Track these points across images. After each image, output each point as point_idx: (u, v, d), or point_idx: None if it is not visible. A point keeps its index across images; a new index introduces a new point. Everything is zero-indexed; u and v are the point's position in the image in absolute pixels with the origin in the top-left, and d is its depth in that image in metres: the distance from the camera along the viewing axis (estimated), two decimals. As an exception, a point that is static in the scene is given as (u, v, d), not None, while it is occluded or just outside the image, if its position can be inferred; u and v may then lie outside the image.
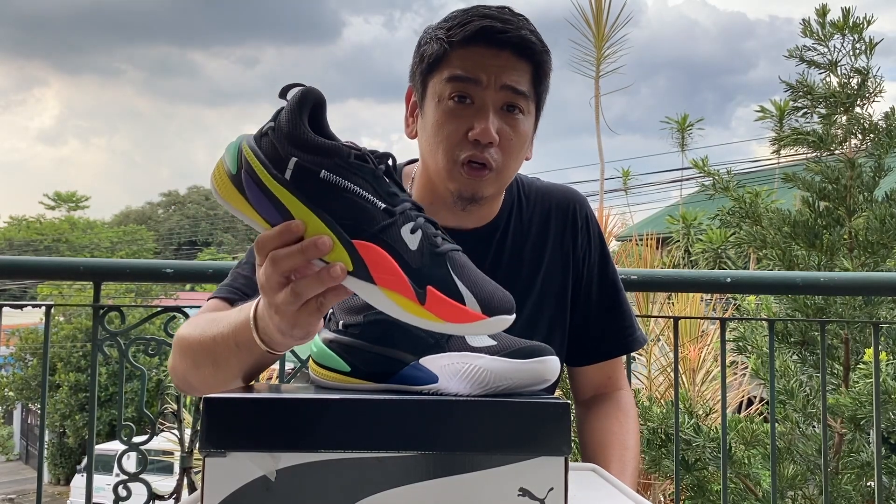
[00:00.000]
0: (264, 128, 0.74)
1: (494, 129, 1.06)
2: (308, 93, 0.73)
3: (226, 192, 0.74)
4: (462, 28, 1.07)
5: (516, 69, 1.08)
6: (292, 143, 0.72)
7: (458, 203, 1.12)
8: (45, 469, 1.90)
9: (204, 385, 1.01)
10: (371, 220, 0.71)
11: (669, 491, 3.33)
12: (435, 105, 1.09)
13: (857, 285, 2.02)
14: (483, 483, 0.69)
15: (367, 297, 0.73)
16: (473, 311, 0.71)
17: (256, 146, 0.73)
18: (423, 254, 0.72)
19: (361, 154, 0.73)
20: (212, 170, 0.75)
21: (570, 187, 1.31)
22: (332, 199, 0.71)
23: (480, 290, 0.72)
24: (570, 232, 1.24)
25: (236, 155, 0.73)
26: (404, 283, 0.70)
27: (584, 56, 6.65)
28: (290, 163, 0.71)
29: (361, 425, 0.70)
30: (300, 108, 0.72)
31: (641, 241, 4.80)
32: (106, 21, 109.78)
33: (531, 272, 1.20)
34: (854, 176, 2.91)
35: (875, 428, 1.91)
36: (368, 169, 0.72)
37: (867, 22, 2.98)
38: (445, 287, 0.71)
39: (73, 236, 30.89)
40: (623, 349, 1.31)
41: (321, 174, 0.71)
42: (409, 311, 0.71)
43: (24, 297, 22.59)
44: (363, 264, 0.71)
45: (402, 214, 0.73)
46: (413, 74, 1.15)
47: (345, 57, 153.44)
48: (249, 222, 0.74)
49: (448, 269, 0.72)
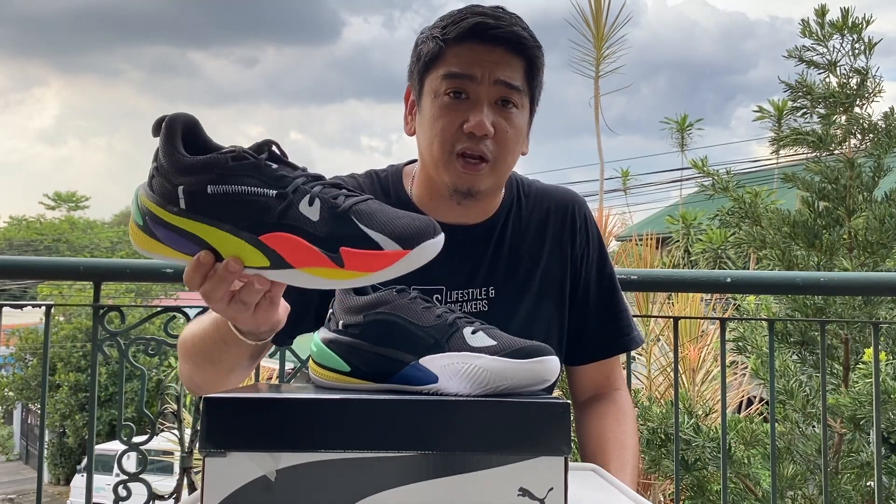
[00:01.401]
0: (150, 170, 0.76)
1: (489, 121, 1.08)
2: (173, 120, 0.74)
3: (142, 243, 0.77)
4: (456, 26, 1.10)
5: (510, 64, 1.10)
6: (175, 173, 0.73)
7: (455, 197, 1.13)
8: (45, 469, 1.90)
9: (209, 383, 1.05)
10: (268, 211, 0.72)
11: (669, 491, 3.33)
12: (431, 101, 1.12)
13: (857, 285, 2.02)
14: (483, 483, 0.69)
15: (293, 281, 0.74)
16: (393, 250, 0.71)
17: (150, 191, 0.75)
18: (326, 220, 0.73)
19: (237, 154, 0.73)
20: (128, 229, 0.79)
21: (569, 189, 1.32)
22: (225, 208, 0.73)
23: (393, 228, 0.72)
24: (569, 231, 1.25)
25: (137, 207, 0.76)
26: (317, 254, 0.72)
27: (583, 56, 6.65)
28: (179, 192, 0.73)
29: (361, 425, 0.70)
30: (170, 137, 0.74)
31: (641, 241, 4.80)
32: (106, 21, 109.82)
33: (529, 269, 1.21)
34: (853, 176, 2.91)
35: (875, 428, 1.91)
36: (249, 164, 0.73)
37: (866, 22, 2.98)
38: (357, 241, 0.72)
39: (73, 236, 30.89)
40: (620, 348, 1.31)
41: (208, 190, 0.72)
42: (333, 278, 0.72)
43: (24, 297, 22.58)
44: (276, 255, 0.73)
45: (296, 192, 0.73)
46: (411, 73, 1.17)
47: (344, 57, 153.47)
48: (174, 262, 0.78)
49: (355, 223, 0.72)
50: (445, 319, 0.78)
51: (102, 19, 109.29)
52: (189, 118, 0.75)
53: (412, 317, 0.78)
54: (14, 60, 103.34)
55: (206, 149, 0.75)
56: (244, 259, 0.74)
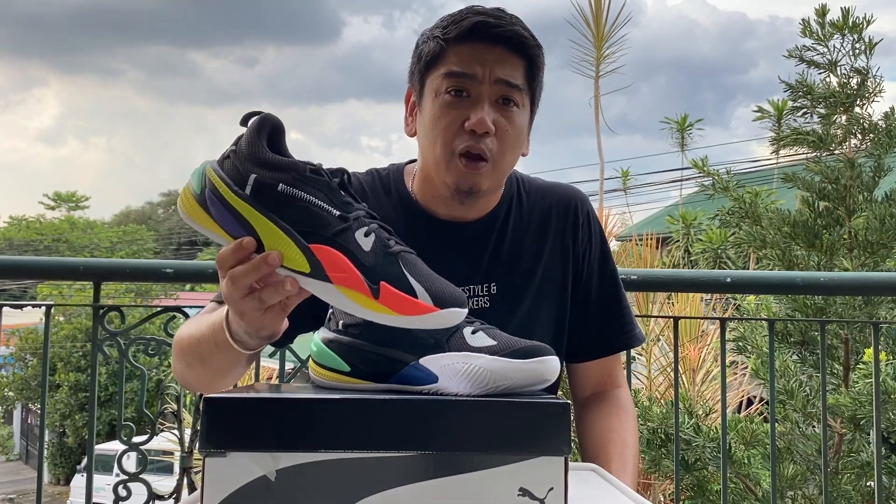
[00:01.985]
0: (226, 152, 0.79)
1: (490, 119, 1.09)
2: (266, 119, 0.78)
3: (191, 210, 0.79)
4: (457, 25, 1.11)
5: (510, 63, 1.11)
6: (252, 163, 0.77)
7: (456, 197, 1.14)
8: (45, 469, 1.90)
9: (199, 383, 1.06)
10: (326, 225, 0.76)
11: (669, 491, 3.33)
12: (432, 100, 1.12)
13: (857, 285, 2.02)
14: (483, 483, 0.69)
15: (325, 296, 0.76)
16: (425, 303, 0.74)
17: (220, 168, 0.78)
18: (376, 254, 0.76)
19: (317, 169, 0.77)
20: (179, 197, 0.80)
21: (571, 185, 1.32)
22: (289, 208, 0.76)
23: (431, 285, 0.75)
24: (571, 228, 1.25)
25: (201, 178, 0.78)
26: (358, 279, 0.74)
27: (583, 56, 6.64)
28: (249, 179, 0.76)
29: (361, 425, 0.70)
30: (258, 133, 0.77)
31: (641, 241, 4.80)
32: (106, 21, 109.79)
33: (531, 266, 1.21)
34: (854, 176, 2.91)
35: (875, 428, 1.91)
36: (323, 181, 0.77)
37: (867, 22, 2.98)
38: (398, 282, 0.75)
39: (73, 236, 30.87)
40: (621, 346, 1.31)
41: (279, 187, 0.76)
42: (365, 306, 0.75)
43: (24, 297, 22.59)
44: (319, 266, 0.75)
45: (356, 220, 0.77)
46: (411, 74, 1.18)
47: (344, 57, 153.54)
48: (214, 237, 0.79)
49: (400, 267, 0.76)
50: (445, 319, 0.78)
51: (102, 19, 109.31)
52: (279, 122, 0.79)
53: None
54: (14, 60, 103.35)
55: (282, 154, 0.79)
56: (286, 258, 0.76)
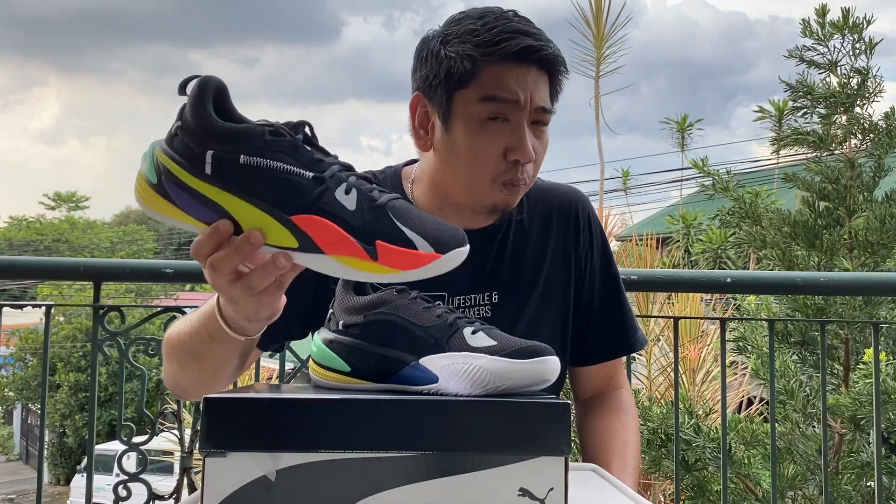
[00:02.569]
0: (172, 128, 0.71)
1: (532, 147, 1.06)
2: (206, 81, 0.70)
3: (153, 202, 0.72)
4: (497, 47, 1.03)
5: (543, 84, 1.07)
6: (204, 137, 0.69)
7: (491, 215, 1.13)
8: (45, 469, 1.90)
9: (193, 385, 1.01)
10: (303, 192, 0.70)
11: (669, 491, 3.33)
12: (467, 124, 1.06)
13: (857, 285, 2.02)
14: (483, 483, 0.69)
15: (321, 267, 0.72)
16: (426, 252, 0.70)
17: (170, 149, 0.71)
18: (362, 211, 0.71)
19: (275, 129, 0.70)
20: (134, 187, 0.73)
21: (571, 187, 1.30)
22: (258, 181, 0.69)
23: (428, 230, 0.71)
24: (573, 232, 1.23)
25: (153, 163, 0.71)
26: (352, 244, 0.70)
27: (583, 56, 6.65)
28: (207, 157, 0.69)
29: (361, 425, 0.70)
30: (202, 99, 0.70)
31: (641, 241, 4.80)
32: (106, 21, 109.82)
33: (533, 273, 1.20)
34: (854, 176, 2.91)
35: (875, 428, 1.91)
36: (286, 142, 0.70)
37: (867, 22, 2.99)
38: (393, 237, 0.70)
39: (73, 236, 30.86)
40: (624, 350, 1.31)
41: (241, 160, 0.69)
42: (365, 270, 0.71)
43: (24, 297, 22.58)
44: (307, 237, 0.70)
45: (333, 178, 0.71)
46: (431, 87, 1.08)
47: (344, 56, 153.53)
48: (184, 227, 0.73)
49: (391, 219, 0.71)
50: (445, 319, 0.78)
51: (102, 19, 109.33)
52: (220, 82, 0.71)
53: (412, 317, 0.78)
54: (14, 60, 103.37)
55: (232, 118, 0.72)
56: (268, 236, 0.71)
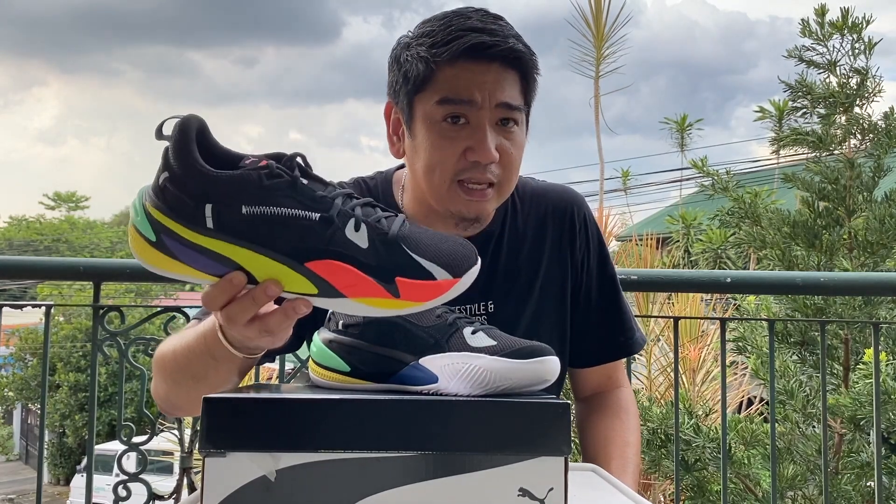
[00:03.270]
0: (160, 179, 0.68)
1: (493, 146, 1.02)
2: (187, 124, 0.67)
3: (154, 261, 0.70)
4: (447, 47, 1.01)
5: (507, 82, 1.04)
6: (197, 189, 0.66)
7: (461, 224, 1.09)
8: (45, 469, 1.90)
9: (189, 403, 0.98)
10: (313, 236, 0.68)
11: (669, 491, 3.33)
12: (427, 127, 1.04)
13: (857, 285, 2.02)
14: (483, 483, 0.69)
15: (346, 310, 0.72)
16: (445, 280, 0.70)
17: (163, 204, 0.68)
18: (376, 247, 0.70)
19: (271, 171, 0.68)
20: (128, 239, 0.71)
21: (566, 187, 1.27)
22: (265, 231, 0.67)
23: (441, 256, 0.71)
24: (568, 235, 1.21)
25: (146, 220, 0.69)
26: (373, 285, 0.69)
27: (583, 56, 6.66)
28: (206, 210, 0.67)
29: (361, 425, 0.70)
30: (186, 145, 0.67)
31: (641, 242, 4.80)
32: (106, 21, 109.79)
33: (529, 280, 1.18)
34: (853, 176, 2.91)
35: (875, 428, 1.91)
36: (285, 183, 0.68)
37: (866, 22, 2.99)
38: (411, 271, 0.70)
39: (73, 236, 30.87)
40: (622, 352, 1.30)
41: (243, 210, 0.67)
42: (390, 308, 0.70)
43: (24, 297, 22.57)
44: (327, 283, 0.69)
45: (340, 216, 0.69)
46: (395, 93, 1.08)
47: (344, 57, 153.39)
48: (195, 281, 0.71)
49: (406, 252, 0.70)
50: (445, 319, 0.78)
51: (102, 19, 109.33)
52: (200, 121, 0.69)
53: (412, 317, 0.78)
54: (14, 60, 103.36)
55: (216, 153, 0.69)
56: (285, 285, 0.70)
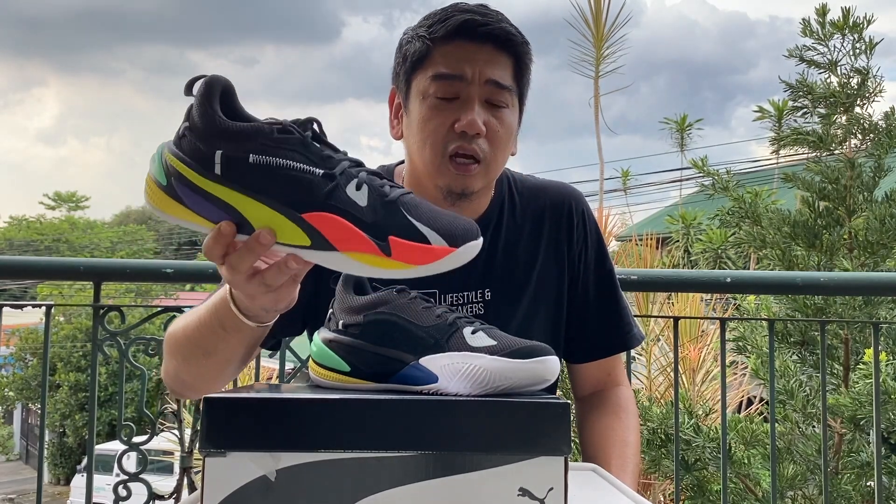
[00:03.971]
0: (180, 129, 0.71)
1: (481, 120, 1.07)
2: (213, 81, 0.71)
3: (162, 204, 0.72)
4: (443, 24, 1.08)
5: (499, 63, 1.10)
6: (212, 136, 0.69)
7: (448, 199, 1.12)
8: (45, 469, 1.90)
9: (199, 379, 1.01)
10: (313, 189, 0.70)
11: (669, 491, 3.33)
12: (420, 102, 1.10)
13: (857, 285, 2.02)
14: (483, 483, 0.69)
15: (333, 264, 0.72)
16: (440, 246, 0.70)
17: (179, 151, 0.71)
18: (374, 207, 0.70)
19: (284, 127, 0.70)
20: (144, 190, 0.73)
21: (565, 184, 1.29)
22: (268, 180, 0.70)
23: (440, 224, 0.71)
24: (566, 229, 1.23)
25: (161, 165, 0.71)
26: (365, 240, 0.70)
27: (583, 56, 6.67)
28: (216, 157, 0.69)
29: (361, 425, 0.70)
30: (209, 99, 0.70)
31: (641, 241, 4.80)
32: (106, 21, 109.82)
33: (526, 271, 1.19)
34: (854, 176, 2.91)
35: (875, 428, 1.91)
36: (295, 139, 0.71)
37: (867, 22, 2.99)
38: (406, 232, 0.70)
39: (73, 236, 30.86)
40: (620, 347, 1.30)
41: (250, 159, 0.69)
42: (379, 266, 0.70)
43: (24, 297, 22.58)
44: (320, 235, 0.70)
45: (343, 174, 0.71)
46: (396, 75, 1.15)
47: (344, 57, 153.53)
48: (195, 227, 0.73)
49: (403, 214, 0.71)
50: (445, 319, 0.78)
51: (102, 19, 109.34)
52: (227, 82, 0.71)
53: (412, 317, 0.78)
54: (14, 60, 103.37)
55: (239, 117, 0.72)
56: (279, 234, 0.71)
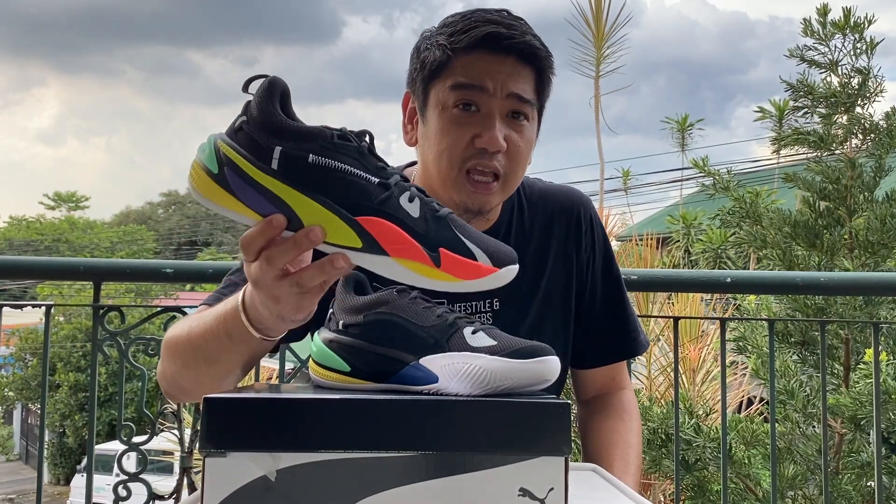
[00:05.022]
0: (237, 122, 0.73)
1: (502, 136, 1.04)
2: (275, 82, 0.73)
3: (210, 192, 0.72)
4: (466, 34, 1.04)
5: (521, 76, 1.06)
6: (271, 133, 0.71)
7: (465, 215, 1.09)
8: (45, 469, 1.90)
9: (197, 385, 0.98)
10: (368, 195, 0.72)
11: (669, 491, 3.33)
12: (439, 113, 1.07)
13: (857, 285, 2.02)
14: (483, 483, 0.69)
15: (383, 270, 0.74)
16: (485, 265, 0.73)
17: (234, 142, 0.72)
18: (426, 219, 0.74)
19: (343, 134, 0.73)
20: (188, 173, 0.74)
21: (573, 188, 1.29)
22: (325, 181, 0.71)
23: (486, 245, 0.75)
24: (574, 235, 1.22)
25: (213, 154, 0.72)
26: (417, 249, 0.72)
27: (583, 56, 6.67)
28: (274, 152, 0.71)
29: (361, 425, 0.70)
30: (271, 97, 0.72)
31: (641, 241, 4.80)
32: (106, 21, 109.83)
33: (535, 277, 1.18)
34: (854, 176, 2.91)
35: (875, 428, 1.91)
36: (353, 147, 0.73)
37: (868, 21, 2.99)
38: (456, 247, 0.73)
39: (73, 236, 30.87)
40: (627, 353, 1.30)
41: (309, 159, 0.71)
42: (427, 276, 0.73)
43: (24, 297, 22.58)
44: (372, 239, 0.72)
45: (397, 186, 0.73)
46: (413, 81, 1.12)
47: (343, 56, 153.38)
48: (241, 219, 0.73)
49: (453, 231, 0.74)
50: (445, 319, 0.78)
51: (102, 19, 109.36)
52: (286, 85, 0.73)
53: (412, 317, 0.78)
54: (14, 60, 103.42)
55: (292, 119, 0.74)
56: (329, 234, 0.72)
